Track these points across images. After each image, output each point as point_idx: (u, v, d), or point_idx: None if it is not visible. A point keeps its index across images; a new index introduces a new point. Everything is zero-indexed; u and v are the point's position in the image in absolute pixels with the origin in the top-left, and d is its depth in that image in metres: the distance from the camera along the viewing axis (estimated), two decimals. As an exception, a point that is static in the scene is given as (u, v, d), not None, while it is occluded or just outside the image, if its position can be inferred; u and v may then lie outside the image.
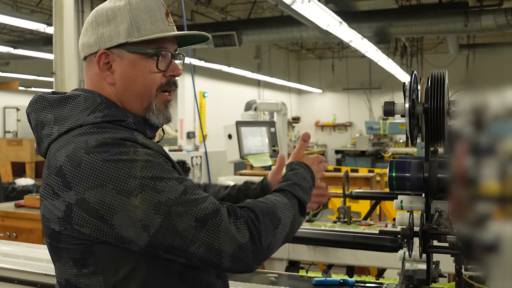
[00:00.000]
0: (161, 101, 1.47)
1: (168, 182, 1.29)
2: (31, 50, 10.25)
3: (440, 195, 1.94)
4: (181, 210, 1.27)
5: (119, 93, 1.44)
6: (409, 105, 1.80)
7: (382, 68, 13.40)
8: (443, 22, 8.61)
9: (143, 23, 1.42)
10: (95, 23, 1.45)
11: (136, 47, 1.42)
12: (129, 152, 1.29)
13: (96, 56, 1.43)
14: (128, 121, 1.41)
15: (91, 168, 1.27)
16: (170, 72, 1.47)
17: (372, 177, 6.03)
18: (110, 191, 1.26)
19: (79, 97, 1.42)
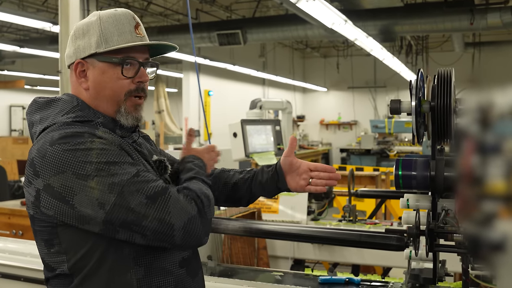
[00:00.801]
0: (130, 104, 1.64)
1: (121, 166, 1.47)
2: (37, 49, 10.27)
3: (446, 193, 1.94)
4: (133, 189, 1.45)
5: (92, 97, 1.63)
6: (415, 103, 1.80)
7: (387, 67, 13.36)
8: (448, 20, 8.57)
9: (110, 35, 1.60)
10: (74, 36, 1.65)
11: (105, 56, 1.60)
12: (86, 142, 1.47)
13: (73, 65, 1.64)
14: (97, 122, 1.60)
15: (53, 157, 1.47)
16: (138, 79, 1.63)
17: (378, 176, 6.02)
18: (70, 176, 1.45)
19: (60, 100, 1.64)
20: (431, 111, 1.82)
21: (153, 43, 1.67)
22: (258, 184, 1.89)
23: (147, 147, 1.77)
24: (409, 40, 13.78)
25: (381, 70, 16.50)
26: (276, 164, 1.89)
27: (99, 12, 1.65)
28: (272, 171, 1.88)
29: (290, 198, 4.22)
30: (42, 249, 1.57)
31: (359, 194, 4.10)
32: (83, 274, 1.52)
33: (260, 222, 3.43)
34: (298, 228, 2.74)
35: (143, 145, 1.75)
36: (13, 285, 2.77)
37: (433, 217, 1.90)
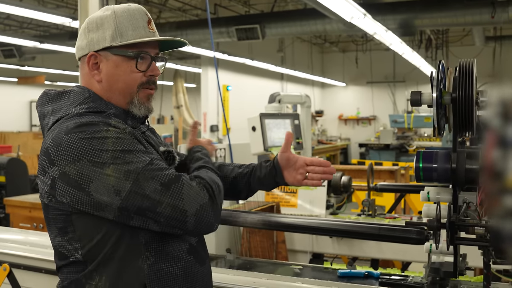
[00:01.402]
0: (143, 95, 1.69)
1: (136, 154, 1.52)
2: (57, 44, 10.35)
3: (468, 186, 1.92)
4: (148, 176, 1.49)
5: (105, 89, 1.67)
6: (436, 94, 1.78)
7: (407, 61, 13.25)
8: (469, 14, 8.47)
9: (125, 29, 1.65)
10: (87, 29, 1.68)
11: (119, 50, 1.65)
12: (101, 131, 1.51)
13: (86, 57, 1.67)
14: (109, 112, 1.64)
15: (69, 146, 1.51)
16: (149, 72, 1.69)
17: (397, 170, 5.98)
18: (86, 163, 1.49)
19: (72, 92, 1.68)
20: (453, 102, 1.80)
21: (166, 39, 1.74)
22: (257, 179, 1.94)
23: (154, 140, 1.82)
24: (429, 34, 13.65)
25: (400, 65, 16.39)
26: (274, 159, 1.95)
27: (113, 7, 1.69)
28: (270, 166, 1.93)
29: (309, 192, 4.21)
30: (56, 237, 1.61)
31: (378, 188, 4.08)
32: (97, 261, 1.55)
33: (279, 215, 3.42)
34: (317, 221, 2.73)
35: (150, 137, 1.81)
36: (34, 277, 2.80)
37: (454, 210, 1.88)
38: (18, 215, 5.21)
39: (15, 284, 2.79)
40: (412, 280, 2.36)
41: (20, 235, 3.37)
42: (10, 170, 6.65)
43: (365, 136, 18.41)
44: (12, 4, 7.04)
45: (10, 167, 6.68)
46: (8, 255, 2.88)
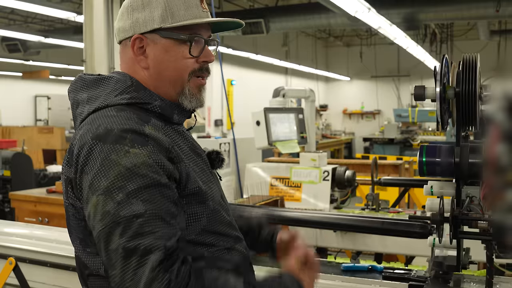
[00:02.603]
0: (194, 85, 1.48)
1: (129, 198, 1.25)
2: (62, 39, 10.37)
3: (471, 180, 1.92)
4: (119, 231, 1.23)
5: (153, 77, 1.46)
6: (440, 89, 1.78)
7: (411, 55, 13.22)
8: (473, 8, 8.45)
9: (177, 9, 1.43)
10: (130, 7, 1.47)
11: (170, 32, 1.44)
12: (120, 151, 1.28)
13: (130, 40, 1.46)
14: (154, 104, 1.44)
15: (88, 154, 1.31)
16: (203, 58, 1.48)
17: (401, 165, 5.98)
18: (87, 180, 1.30)
19: (112, 78, 1.46)
20: (456, 97, 1.80)
21: (224, 20, 1.53)
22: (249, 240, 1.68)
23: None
24: (433, 28, 13.62)
25: (405, 59, 16.35)
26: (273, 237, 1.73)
27: None
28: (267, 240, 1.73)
29: (313, 186, 4.22)
30: (78, 246, 1.44)
31: (382, 182, 4.09)
32: None
33: (283, 209, 3.43)
34: (321, 215, 2.74)
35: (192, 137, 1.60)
36: (39, 271, 2.82)
37: (457, 204, 1.88)
38: (23, 209, 5.23)
39: (21, 278, 2.81)
40: (415, 274, 2.37)
41: (26, 229, 3.39)
42: (15, 165, 6.68)
43: (369, 130, 18.40)
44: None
45: (15, 161, 6.70)
46: (14, 249, 2.90)
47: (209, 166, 1.53)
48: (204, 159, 1.52)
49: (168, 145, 1.35)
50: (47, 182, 7.28)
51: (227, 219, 1.49)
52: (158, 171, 1.29)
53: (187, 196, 1.38)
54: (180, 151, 1.41)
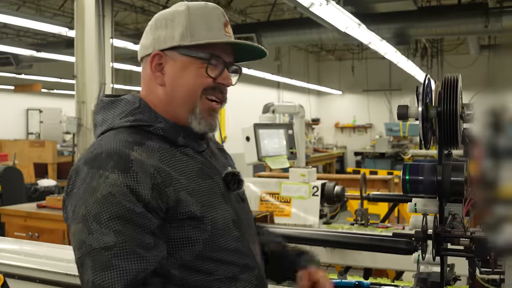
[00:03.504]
0: (205, 107, 1.48)
1: (102, 227, 1.26)
2: (54, 53, 10.38)
3: (453, 198, 1.95)
4: (90, 264, 1.25)
5: (168, 95, 1.47)
6: (422, 108, 1.82)
7: (402, 70, 13.32)
8: (463, 23, 8.55)
9: (198, 28, 1.45)
10: (154, 26, 1.50)
11: (189, 50, 1.45)
12: (100, 178, 1.30)
13: (150, 57, 1.48)
14: (157, 126, 1.45)
15: (75, 178, 1.36)
16: (221, 80, 1.49)
17: (390, 180, 6.02)
18: (72, 206, 1.34)
19: (122, 101, 1.49)
20: (438, 116, 1.83)
21: (245, 43, 1.53)
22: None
23: (221, 161, 1.61)
24: (424, 43, 13.73)
25: (396, 73, 16.46)
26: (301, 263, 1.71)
27: (187, 3, 1.49)
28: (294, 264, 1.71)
29: (302, 201, 4.24)
30: None
31: (371, 198, 4.11)
32: None
33: (271, 225, 3.45)
34: (308, 232, 2.76)
35: (218, 157, 1.61)
36: (28, 287, 2.82)
37: (440, 221, 1.91)
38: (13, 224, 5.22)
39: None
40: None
41: (15, 244, 3.38)
42: (6, 179, 6.67)
43: (361, 144, 18.46)
44: (9, 13, 7.08)
45: (6, 175, 6.70)
46: (3, 265, 2.89)
47: (221, 189, 1.49)
48: (216, 181, 1.49)
49: (153, 171, 1.34)
50: (38, 196, 7.26)
51: (233, 246, 1.44)
52: (133, 200, 1.29)
53: (179, 220, 1.36)
54: (177, 174, 1.39)
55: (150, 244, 1.29)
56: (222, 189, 1.49)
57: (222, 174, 1.52)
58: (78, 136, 5.64)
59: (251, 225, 1.61)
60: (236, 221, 1.49)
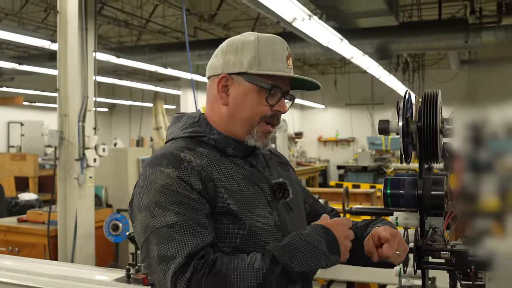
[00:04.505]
0: (262, 130, 1.65)
1: (164, 211, 1.45)
2: (36, 66, 10.33)
3: (434, 211, 1.97)
4: (155, 240, 1.44)
5: (230, 114, 1.65)
6: (402, 123, 1.84)
7: (384, 84, 13.44)
8: (443, 39, 8.67)
9: (265, 59, 1.61)
10: (225, 50, 1.67)
11: (254, 78, 1.61)
12: (156, 172, 1.51)
13: (218, 78, 1.65)
14: (209, 137, 1.64)
15: (139, 178, 1.58)
16: (277, 108, 1.65)
17: (373, 193, 6.06)
18: (136, 201, 1.54)
19: (186, 115, 1.72)
20: (418, 131, 1.86)
21: (303, 78, 1.67)
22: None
23: (278, 172, 1.75)
24: (405, 57, 13.88)
25: (379, 87, 16.59)
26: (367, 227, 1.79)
27: (257, 34, 1.66)
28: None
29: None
30: None
31: (353, 211, 4.12)
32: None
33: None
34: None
35: (274, 168, 1.75)
36: (8, 302, 2.79)
37: (421, 234, 1.93)
38: (-6, 238, 5.16)
39: (-12, 309, 2.78)
40: (383, 303, 2.40)
41: (-5, 259, 3.35)
42: (-14, 193, 6.59)
43: (344, 157, 18.54)
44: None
45: (-14, 189, 6.62)
46: (-18, 280, 2.86)
47: (268, 196, 1.63)
48: (263, 189, 1.63)
49: (198, 167, 1.53)
50: (18, 210, 7.19)
51: None
52: (187, 188, 1.48)
53: (218, 214, 1.51)
54: (220, 175, 1.56)
55: (206, 224, 1.46)
56: (269, 196, 1.64)
57: (272, 183, 1.67)
58: (60, 149, 5.60)
59: None
60: (280, 226, 1.62)
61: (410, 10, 10.40)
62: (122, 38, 12.96)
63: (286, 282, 1.42)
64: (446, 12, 10.19)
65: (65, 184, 5.62)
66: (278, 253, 1.42)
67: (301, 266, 1.42)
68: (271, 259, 1.41)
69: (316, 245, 1.45)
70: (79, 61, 5.61)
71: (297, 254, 1.43)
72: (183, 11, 5.49)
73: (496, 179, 1.08)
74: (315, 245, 1.45)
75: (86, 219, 5.70)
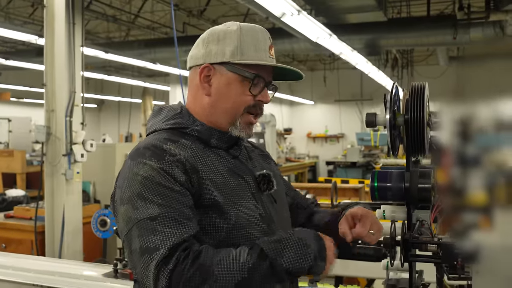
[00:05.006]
0: (245, 121, 1.63)
1: (146, 203, 1.43)
2: (24, 61, 10.25)
3: (421, 204, 1.97)
4: (137, 232, 1.42)
5: (212, 105, 1.63)
6: (389, 116, 1.84)
7: (374, 80, 13.47)
8: (432, 35, 8.70)
9: (247, 48, 1.60)
10: (207, 40, 1.65)
11: (237, 68, 1.59)
12: (139, 165, 1.49)
13: (200, 68, 1.62)
14: (192, 128, 1.62)
15: (121, 169, 1.57)
16: (260, 98, 1.63)
17: (361, 188, 6.07)
18: (118, 194, 1.51)
19: (166, 108, 1.69)
20: (405, 124, 1.86)
21: (286, 67, 1.66)
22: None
23: (260, 165, 1.74)
24: (394, 53, 13.91)
25: (368, 83, 16.63)
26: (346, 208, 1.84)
27: (239, 23, 1.65)
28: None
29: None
30: None
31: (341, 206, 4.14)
32: None
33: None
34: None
35: (256, 160, 1.75)
36: (-6, 297, 2.77)
37: (408, 227, 1.93)
38: (-20, 234, 5.13)
39: (-26, 305, 2.75)
40: (371, 297, 2.40)
41: (-19, 255, 3.33)
42: (-28, 189, 6.54)
43: (333, 153, 18.57)
44: (-23, 21, 6.97)
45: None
46: (-32, 276, 2.84)
47: (252, 188, 1.63)
48: (247, 181, 1.62)
49: (182, 159, 1.51)
50: (5, 206, 7.12)
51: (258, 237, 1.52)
52: (170, 180, 1.46)
53: (204, 207, 1.50)
54: (204, 167, 1.54)
55: (190, 216, 1.45)
56: (253, 188, 1.64)
57: (256, 175, 1.67)
58: (47, 145, 5.56)
59: (285, 224, 1.73)
60: (265, 217, 1.62)
61: (399, 6, 10.43)
62: (110, 34, 12.89)
63: (272, 279, 1.40)
64: (435, 8, 10.23)
65: (52, 179, 5.59)
66: (267, 248, 1.41)
67: (289, 262, 1.41)
68: (259, 253, 1.39)
69: (309, 244, 1.45)
70: (66, 56, 5.57)
71: (287, 249, 1.42)
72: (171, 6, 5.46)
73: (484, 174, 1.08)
74: (307, 243, 1.44)
75: (73, 214, 5.67)
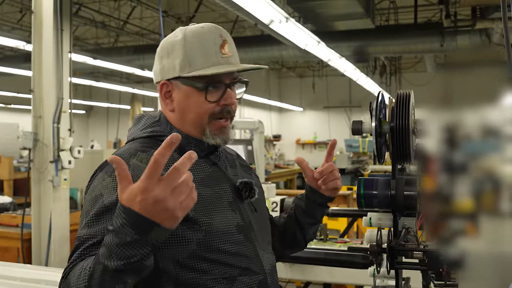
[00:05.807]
0: (215, 128, 1.58)
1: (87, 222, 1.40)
2: (11, 67, 10.19)
3: (407, 212, 1.98)
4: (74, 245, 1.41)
5: (178, 119, 1.60)
6: (375, 124, 1.85)
7: (362, 87, 13.52)
8: (420, 42, 8.78)
9: (194, 57, 1.53)
10: (160, 53, 1.61)
11: (188, 80, 1.54)
12: (99, 179, 1.47)
13: (159, 85, 1.61)
14: None
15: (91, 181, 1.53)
16: (223, 102, 1.57)
17: (349, 195, 6.08)
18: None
19: (146, 116, 1.66)
20: (391, 131, 1.87)
21: (242, 69, 1.59)
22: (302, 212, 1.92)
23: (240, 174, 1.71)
24: (382, 61, 14.00)
25: (356, 90, 16.70)
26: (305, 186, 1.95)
27: (184, 29, 1.58)
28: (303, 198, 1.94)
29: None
30: None
31: (329, 213, 4.14)
32: None
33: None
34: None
35: (235, 170, 1.71)
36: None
37: (394, 235, 1.94)
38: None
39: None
40: (358, 304, 2.41)
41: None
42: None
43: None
44: (-36, 26, 6.93)
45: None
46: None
47: (229, 197, 1.58)
48: (224, 189, 1.58)
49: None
50: (-8, 213, 7.08)
51: (233, 249, 1.50)
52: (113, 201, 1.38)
53: None
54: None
55: None
56: (231, 197, 1.59)
57: (236, 183, 1.62)
58: (34, 151, 5.52)
59: (264, 234, 1.69)
60: (243, 226, 1.57)
61: (386, 14, 10.50)
62: (99, 40, 12.86)
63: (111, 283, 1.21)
64: (422, 16, 10.31)
65: (39, 186, 5.55)
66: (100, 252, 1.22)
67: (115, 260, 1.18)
68: (95, 258, 1.23)
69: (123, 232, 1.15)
70: (54, 62, 5.55)
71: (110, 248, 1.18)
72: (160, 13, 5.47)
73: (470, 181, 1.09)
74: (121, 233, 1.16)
75: (60, 221, 5.63)
